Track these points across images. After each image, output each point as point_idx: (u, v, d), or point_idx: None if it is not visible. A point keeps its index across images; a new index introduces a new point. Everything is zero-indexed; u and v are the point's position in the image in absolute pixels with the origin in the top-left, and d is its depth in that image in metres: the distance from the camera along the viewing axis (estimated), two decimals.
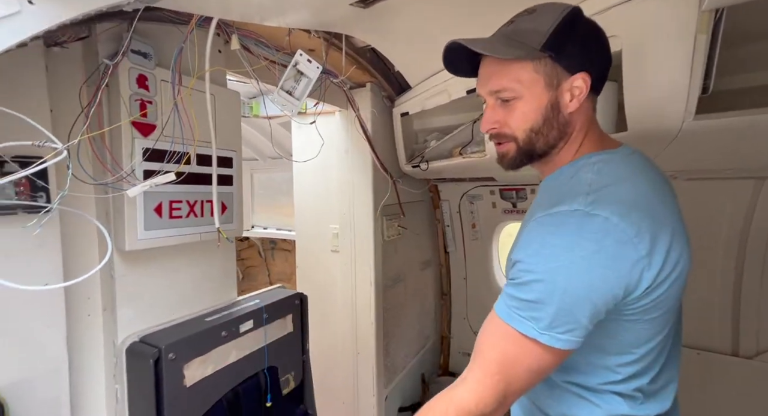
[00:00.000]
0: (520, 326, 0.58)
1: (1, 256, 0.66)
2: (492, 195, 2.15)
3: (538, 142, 0.67)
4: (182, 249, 0.96)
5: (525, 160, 0.70)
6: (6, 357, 0.68)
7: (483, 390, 0.59)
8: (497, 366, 0.60)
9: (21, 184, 0.67)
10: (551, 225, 0.59)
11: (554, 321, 0.56)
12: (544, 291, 0.56)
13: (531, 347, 0.58)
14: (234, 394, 0.99)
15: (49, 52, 0.73)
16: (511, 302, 0.60)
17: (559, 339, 0.57)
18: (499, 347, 0.60)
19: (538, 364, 0.59)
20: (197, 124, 0.85)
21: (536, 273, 0.57)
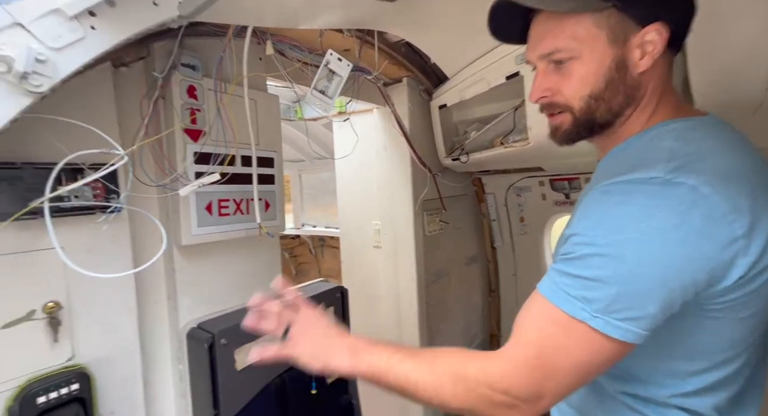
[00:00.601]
0: (568, 306, 0.48)
1: (84, 251, 0.77)
2: (541, 186, 2.02)
3: (599, 111, 0.57)
4: (231, 244, 1.04)
5: (583, 132, 0.60)
6: (91, 337, 0.79)
7: (514, 369, 0.50)
8: (536, 350, 0.50)
9: (97, 188, 0.77)
10: (619, 193, 0.48)
11: (613, 304, 0.46)
12: (604, 267, 0.46)
13: (580, 333, 0.47)
14: (281, 381, 1.05)
15: (117, 72, 0.84)
16: (560, 278, 0.50)
17: (617, 327, 0.46)
18: (542, 329, 0.50)
19: (588, 356, 0.48)
20: (237, 128, 0.91)
21: (596, 246, 0.47)
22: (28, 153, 0.69)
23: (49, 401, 0.71)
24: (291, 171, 3.12)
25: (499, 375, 0.51)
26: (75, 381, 0.75)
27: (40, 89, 0.49)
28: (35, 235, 0.71)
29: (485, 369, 0.52)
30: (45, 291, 0.73)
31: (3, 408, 0.68)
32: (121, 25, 0.57)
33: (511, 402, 0.50)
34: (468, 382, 0.53)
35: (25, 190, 0.66)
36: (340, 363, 0.63)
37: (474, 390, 0.52)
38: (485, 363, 0.53)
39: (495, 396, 0.51)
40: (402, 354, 0.59)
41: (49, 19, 0.49)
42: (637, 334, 0.47)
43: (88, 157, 0.71)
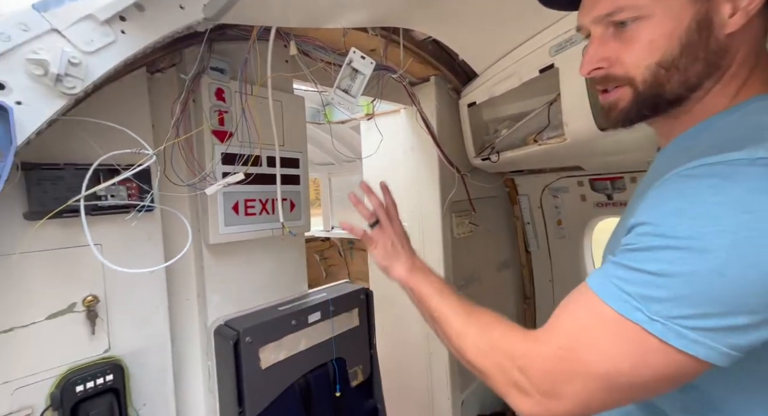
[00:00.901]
0: (619, 303, 0.40)
1: (119, 247, 0.81)
2: (580, 186, 1.90)
3: (670, 83, 0.46)
4: (258, 244, 1.06)
5: (645, 111, 0.50)
6: (126, 331, 0.83)
7: (538, 353, 0.45)
8: (568, 341, 0.43)
9: (132, 188, 0.81)
10: (712, 176, 0.38)
11: (682, 308, 0.37)
12: (678, 262, 0.37)
13: (629, 335, 0.39)
14: (305, 381, 1.05)
15: (152, 78, 0.88)
16: (615, 270, 0.42)
17: (684, 336, 0.37)
18: (581, 320, 0.43)
19: (633, 365, 0.39)
20: (261, 129, 0.93)
21: (671, 238, 0.38)
22: (71, 155, 0.74)
23: (86, 390, 0.75)
24: (321, 174, 3.17)
25: (523, 350, 0.47)
26: (110, 372, 0.78)
27: (73, 91, 0.51)
28: (76, 232, 0.75)
29: (511, 337, 0.49)
30: (84, 285, 0.77)
31: (46, 394, 0.72)
32: (149, 29, 0.59)
33: (525, 386, 0.45)
34: (492, 341, 0.51)
35: (66, 189, 0.70)
36: (399, 273, 0.80)
37: (492, 353, 0.50)
38: (514, 333, 0.50)
39: (511, 371, 0.47)
40: (450, 291, 0.67)
41: (82, 25, 0.52)
42: (713, 350, 0.37)
43: (123, 158, 0.74)
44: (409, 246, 0.87)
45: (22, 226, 0.69)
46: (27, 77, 0.49)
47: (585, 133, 1.21)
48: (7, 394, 0.68)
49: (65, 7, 0.50)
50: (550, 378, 0.44)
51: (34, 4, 0.48)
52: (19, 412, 0.69)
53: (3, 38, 0.47)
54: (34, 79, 0.49)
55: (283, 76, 1.00)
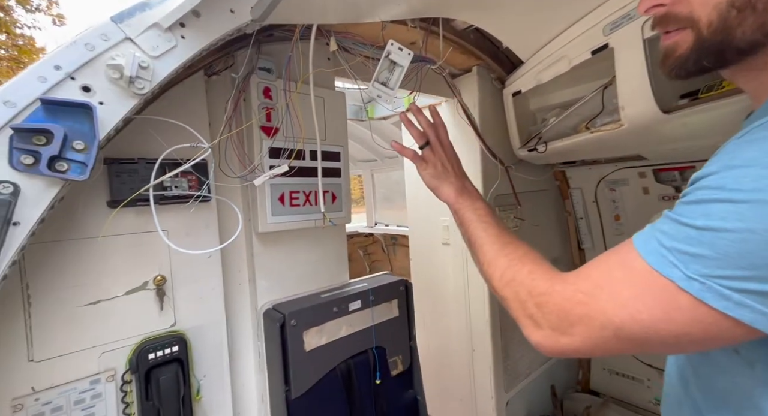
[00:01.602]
0: (655, 258, 0.38)
1: (183, 234, 0.91)
2: (642, 178, 1.73)
3: (742, 27, 0.39)
4: (302, 234, 1.12)
5: (706, 60, 0.43)
6: (188, 308, 0.93)
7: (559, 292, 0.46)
8: (591, 286, 0.43)
9: (192, 180, 0.90)
10: None
11: (728, 268, 0.34)
12: (735, 216, 0.34)
13: (658, 289, 0.37)
14: (346, 366, 1.09)
15: (209, 80, 0.97)
16: (663, 224, 0.40)
17: (725, 297, 0.34)
18: (610, 269, 0.43)
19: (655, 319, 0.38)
20: (303, 124, 0.98)
21: (732, 191, 0.34)
22: (143, 150, 0.84)
23: (156, 358, 0.85)
24: (363, 170, 3.23)
25: (545, 288, 0.49)
26: (176, 344, 0.88)
27: (142, 91, 0.59)
28: (148, 219, 0.85)
29: (538, 275, 0.51)
30: (154, 266, 0.87)
31: (126, 359, 0.83)
32: (205, 33, 0.66)
33: (539, 320, 0.47)
34: (516, 274, 0.53)
35: (140, 181, 0.80)
36: (447, 195, 0.81)
37: (515, 286, 0.52)
38: (542, 271, 0.51)
39: (528, 303, 0.49)
40: (493, 220, 0.69)
41: (149, 32, 0.59)
42: (763, 315, 0.33)
43: (186, 153, 0.83)
44: (461, 169, 0.88)
45: (106, 213, 0.80)
46: (107, 80, 0.57)
47: (645, 117, 1.10)
48: (96, 357, 0.80)
49: (136, 17, 0.58)
50: (564, 317, 0.45)
51: (112, 17, 0.56)
52: (105, 373, 0.81)
53: (89, 48, 0.55)
54: (112, 81, 0.57)
55: (324, 72, 1.04)
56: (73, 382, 0.76)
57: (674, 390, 0.53)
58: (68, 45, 0.54)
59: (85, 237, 0.79)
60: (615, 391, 2.02)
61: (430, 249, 1.84)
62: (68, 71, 0.55)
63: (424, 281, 1.89)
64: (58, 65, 0.54)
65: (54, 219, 0.73)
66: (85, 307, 0.78)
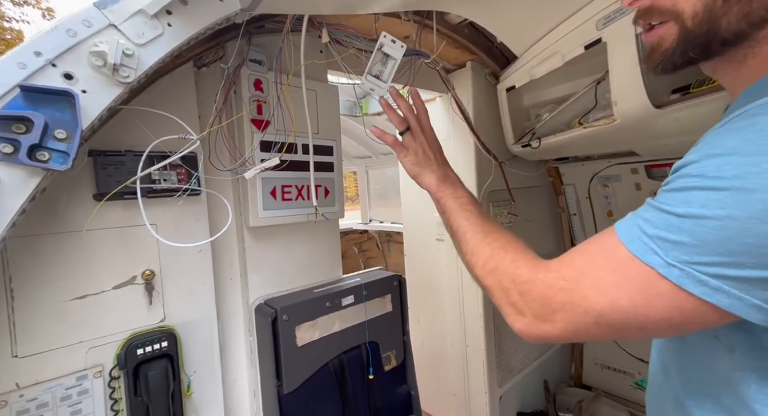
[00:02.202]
0: (636, 245, 0.39)
1: (171, 227, 0.89)
2: (634, 174, 1.74)
3: (727, 16, 0.39)
4: (294, 229, 1.11)
5: (693, 52, 0.43)
6: (178, 303, 0.91)
7: (542, 280, 0.46)
8: (573, 273, 0.43)
9: (181, 173, 0.88)
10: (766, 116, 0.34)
11: (707, 255, 0.34)
12: (716, 204, 0.34)
13: (637, 275, 0.38)
14: (339, 361, 1.08)
15: (198, 72, 0.95)
16: (645, 212, 0.40)
17: (705, 284, 0.35)
18: (592, 256, 0.43)
19: (635, 305, 0.38)
20: (295, 117, 0.96)
21: (713, 178, 0.34)
22: (130, 142, 0.82)
23: (145, 353, 0.83)
24: (358, 167, 3.22)
25: (527, 276, 0.48)
26: (165, 339, 0.86)
27: (127, 80, 0.57)
28: (136, 213, 0.83)
29: (521, 263, 0.50)
30: (143, 261, 0.86)
31: (113, 355, 0.82)
32: (192, 21, 0.64)
33: (522, 308, 0.48)
34: (500, 263, 0.53)
35: (127, 173, 0.79)
36: (429, 182, 0.79)
37: (498, 274, 0.52)
38: (525, 260, 0.51)
39: (511, 292, 0.49)
40: (475, 209, 0.68)
41: (135, 19, 0.58)
42: (740, 301, 0.34)
43: (174, 146, 0.81)
44: (442, 156, 0.84)
45: (92, 206, 0.78)
46: (90, 68, 0.55)
47: (637, 112, 1.11)
48: (83, 352, 0.79)
49: (120, 3, 0.56)
50: (546, 304, 0.45)
51: (95, 2, 0.54)
52: (92, 368, 0.79)
53: (71, 34, 0.53)
54: (95, 69, 0.56)
55: (316, 64, 1.03)
56: (59, 378, 0.75)
57: (657, 379, 0.53)
58: (49, 31, 0.53)
59: (71, 231, 0.77)
60: (607, 385, 2.04)
61: (424, 245, 1.84)
62: (49, 58, 0.53)
63: (418, 277, 1.89)
64: (38, 51, 0.52)
65: (38, 212, 0.72)
66: (71, 302, 0.77)
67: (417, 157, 0.82)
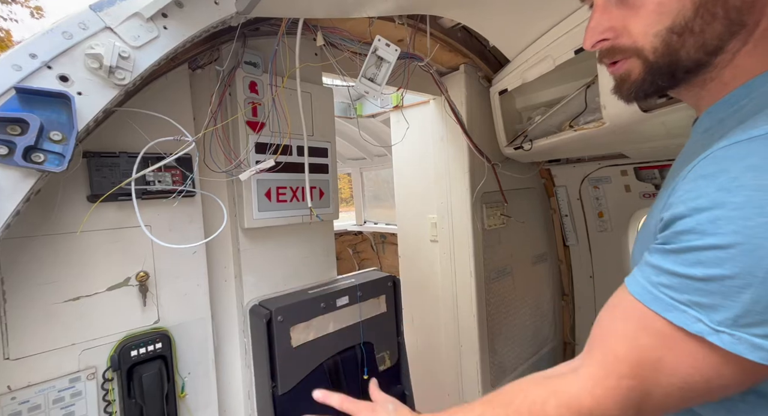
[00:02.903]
0: (673, 314, 0.37)
1: (166, 229, 0.89)
2: (624, 176, 1.78)
3: (686, 48, 0.41)
4: (289, 230, 1.11)
5: (661, 81, 0.45)
6: (172, 305, 0.91)
7: (603, 394, 0.41)
8: (630, 368, 0.40)
9: (176, 175, 0.89)
10: (753, 155, 0.34)
11: (747, 315, 0.33)
12: (731, 263, 0.33)
13: (692, 349, 0.37)
14: (334, 362, 1.09)
15: (193, 75, 0.95)
16: (659, 277, 0.39)
17: (758, 346, 0.33)
18: (636, 340, 0.40)
19: (703, 378, 0.37)
20: (290, 118, 0.97)
21: (716, 235, 0.34)
22: (125, 144, 0.82)
23: (139, 355, 0.83)
24: (353, 168, 3.23)
25: (589, 407, 0.42)
26: (159, 341, 0.86)
27: (123, 82, 0.58)
28: (130, 214, 0.83)
29: (568, 403, 0.43)
30: (137, 262, 0.86)
31: (107, 357, 0.82)
32: (188, 24, 0.65)
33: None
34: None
35: (121, 175, 0.79)
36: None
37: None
38: (566, 397, 0.44)
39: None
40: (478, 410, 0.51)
41: (130, 22, 0.58)
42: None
43: (169, 148, 0.82)
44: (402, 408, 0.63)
45: (86, 208, 0.78)
46: (85, 70, 0.56)
47: (625, 115, 1.13)
48: (76, 355, 0.78)
49: (116, 6, 0.57)
50: (628, 412, 0.41)
51: (91, 5, 0.55)
52: (86, 370, 0.79)
53: (66, 36, 0.54)
54: (91, 71, 0.56)
55: (311, 67, 1.04)
56: (51, 381, 0.75)
57: None
58: (44, 33, 0.53)
59: (64, 233, 0.77)
60: None
61: (418, 246, 1.85)
62: (44, 60, 0.53)
63: (413, 278, 1.90)
64: (33, 53, 0.52)
65: (32, 213, 0.72)
66: (64, 304, 0.77)
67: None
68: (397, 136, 1.87)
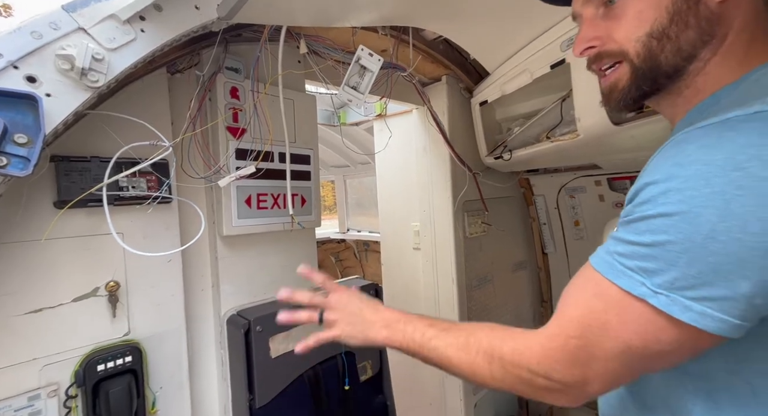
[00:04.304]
0: (623, 279, 0.40)
1: (139, 236, 0.86)
2: (598, 186, 1.84)
3: (664, 53, 0.46)
4: (269, 237, 1.09)
5: (645, 87, 0.48)
6: (144, 316, 0.87)
7: (553, 351, 0.45)
8: (579, 329, 0.43)
9: (152, 180, 0.86)
10: (705, 136, 0.38)
11: (683, 279, 0.36)
12: (670, 230, 0.36)
13: (636, 311, 0.39)
14: (314, 373, 1.06)
15: (172, 79, 0.94)
16: (616, 246, 0.42)
17: (688, 308, 0.36)
18: (587, 304, 0.43)
19: (644, 341, 0.40)
20: (272, 125, 0.96)
21: (663, 205, 0.37)
22: (98, 149, 0.79)
23: (107, 369, 0.79)
24: (336, 176, 3.22)
25: (538, 357, 0.46)
26: (129, 354, 0.82)
27: (96, 84, 0.56)
28: (101, 221, 0.80)
29: (522, 349, 0.48)
30: (107, 271, 0.82)
31: (71, 372, 0.77)
32: (167, 28, 0.64)
33: (554, 386, 0.45)
34: (504, 362, 0.49)
35: (92, 180, 0.76)
36: (376, 337, 0.66)
37: (511, 372, 0.49)
38: (522, 343, 0.48)
39: (535, 380, 0.46)
40: (436, 329, 0.59)
41: (106, 24, 0.57)
42: (721, 321, 0.36)
43: (145, 152, 0.79)
44: (367, 302, 0.71)
45: (52, 214, 0.75)
46: (56, 71, 0.53)
47: (598, 128, 1.18)
48: (36, 370, 0.74)
49: (91, 7, 0.55)
50: (574, 370, 0.44)
51: (64, 5, 0.53)
52: (46, 387, 0.74)
53: (35, 36, 0.52)
54: (62, 73, 0.54)
55: (294, 74, 1.03)
56: (7, 399, 0.70)
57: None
58: (12, 32, 0.51)
59: (27, 240, 0.73)
60: None
61: (401, 254, 1.85)
62: (10, 59, 0.51)
63: (395, 286, 1.89)
64: None
65: None
66: (24, 316, 0.72)
67: (351, 328, 0.68)
68: (380, 145, 1.88)
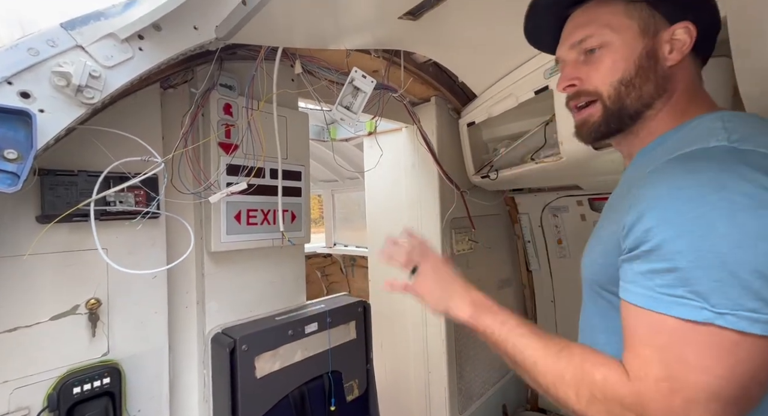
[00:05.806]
0: (678, 309, 0.40)
1: (125, 252, 0.84)
2: (580, 206, 1.91)
3: (630, 98, 0.56)
4: (258, 254, 1.08)
5: (612, 125, 0.58)
6: (125, 335, 0.84)
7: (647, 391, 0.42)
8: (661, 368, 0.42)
9: (140, 195, 0.85)
10: (679, 165, 0.45)
11: (725, 292, 0.38)
12: (686, 253, 0.40)
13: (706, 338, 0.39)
14: (300, 393, 1.04)
15: (165, 94, 0.94)
16: (651, 280, 0.43)
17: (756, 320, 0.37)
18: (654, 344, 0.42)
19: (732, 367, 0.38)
20: (265, 142, 0.97)
21: (667, 230, 0.41)
22: (85, 163, 0.78)
23: (83, 392, 0.75)
24: (324, 190, 3.21)
25: (633, 394, 0.43)
26: (107, 375, 0.79)
27: (92, 101, 0.56)
28: (84, 236, 0.78)
29: (615, 382, 0.45)
30: (88, 289, 0.79)
31: (44, 395, 0.73)
32: (165, 47, 0.65)
33: None
34: (594, 389, 0.47)
35: (79, 195, 0.74)
36: (461, 313, 0.67)
37: (601, 402, 0.46)
38: (615, 376, 0.46)
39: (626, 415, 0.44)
40: (526, 328, 0.58)
41: (104, 42, 0.57)
42: None
43: (134, 167, 0.78)
44: (460, 279, 0.73)
45: (34, 229, 0.72)
46: (51, 88, 0.53)
47: (580, 152, 1.24)
48: (6, 394, 0.70)
49: (90, 26, 0.56)
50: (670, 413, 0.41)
51: (62, 23, 0.53)
52: (16, 412, 0.70)
53: (32, 53, 0.52)
54: (57, 89, 0.54)
55: (288, 93, 1.05)
56: None
57: None
58: (8, 48, 0.51)
59: (6, 256, 0.70)
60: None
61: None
62: (5, 75, 0.51)
63: (382, 302, 1.88)
64: None
65: None
66: None
67: (439, 293, 0.72)
68: (370, 161, 1.90)
